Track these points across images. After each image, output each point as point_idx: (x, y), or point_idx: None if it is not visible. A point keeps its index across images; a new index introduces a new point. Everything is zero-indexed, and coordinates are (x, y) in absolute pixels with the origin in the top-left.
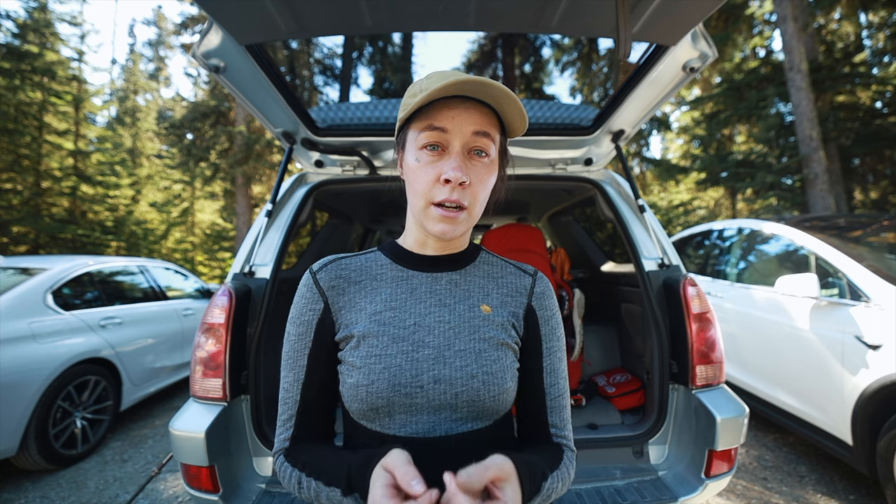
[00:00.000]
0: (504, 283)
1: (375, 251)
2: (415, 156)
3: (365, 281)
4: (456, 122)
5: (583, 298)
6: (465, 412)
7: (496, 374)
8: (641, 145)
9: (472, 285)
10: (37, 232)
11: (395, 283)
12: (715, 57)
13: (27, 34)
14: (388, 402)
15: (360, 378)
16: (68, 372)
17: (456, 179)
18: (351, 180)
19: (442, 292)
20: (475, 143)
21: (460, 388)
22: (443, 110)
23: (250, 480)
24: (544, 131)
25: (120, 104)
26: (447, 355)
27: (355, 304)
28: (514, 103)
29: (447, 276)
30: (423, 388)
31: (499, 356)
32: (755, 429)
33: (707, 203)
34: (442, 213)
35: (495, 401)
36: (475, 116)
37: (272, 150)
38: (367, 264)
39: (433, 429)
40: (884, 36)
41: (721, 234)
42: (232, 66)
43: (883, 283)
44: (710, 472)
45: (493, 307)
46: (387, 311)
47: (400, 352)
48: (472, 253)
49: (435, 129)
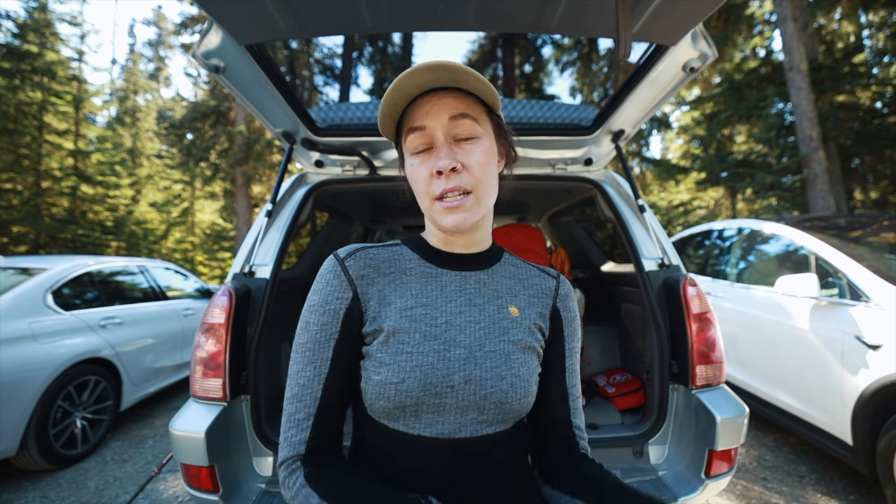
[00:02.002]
0: (530, 284)
1: (400, 245)
2: (409, 161)
3: (394, 273)
4: (431, 116)
5: (583, 298)
6: (491, 414)
7: (523, 378)
8: (641, 145)
9: (500, 286)
10: (37, 232)
11: (425, 279)
12: (715, 57)
13: (27, 34)
14: (418, 402)
15: (388, 375)
16: (68, 372)
17: (445, 168)
18: (351, 180)
19: (471, 292)
20: (456, 128)
21: (490, 390)
22: (416, 110)
23: (250, 480)
24: (544, 131)
25: (120, 104)
26: (478, 356)
27: (385, 296)
28: (470, 75)
29: (475, 275)
30: (455, 388)
31: (526, 359)
32: (755, 429)
33: (707, 203)
34: (446, 205)
35: (521, 403)
36: (448, 103)
37: (272, 150)
38: (394, 257)
39: (458, 430)
40: (884, 36)
41: (721, 234)
42: (232, 66)
43: (883, 283)
44: (710, 472)
45: (521, 308)
46: (418, 308)
47: (432, 350)
48: (497, 253)
49: (415, 130)
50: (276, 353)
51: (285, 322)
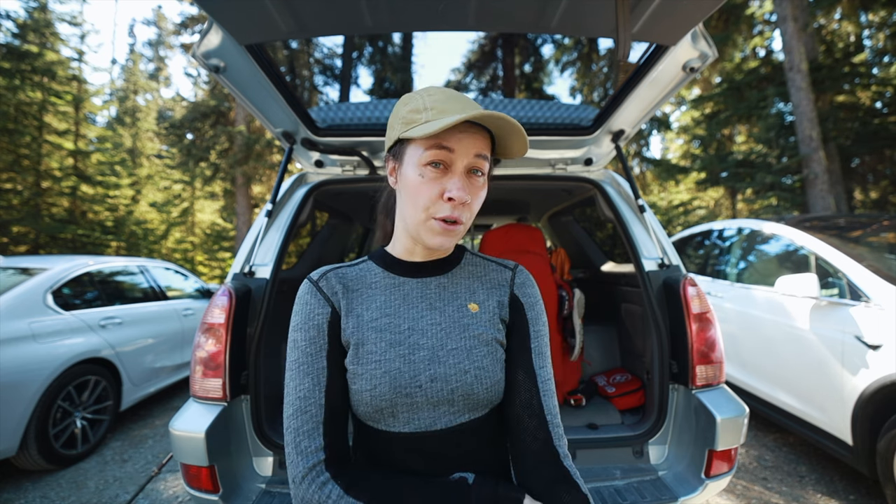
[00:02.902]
0: (488, 279)
1: (367, 261)
2: (418, 171)
3: (361, 289)
4: (462, 145)
5: (583, 298)
6: (461, 405)
7: (487, 368)
8: (641, 145)
9: (459, 287)
10: (37, 232)
11: (389, 290)
12: (715, 57)
13: (27, 34)
14: (391, 404)
15: (362, 384)
16: (68, 372)
17: (460, 199)
18: (351, 180)
19: (432, 296)
20: (475, 164)
21: (455, 384)
22: (452, 131)
23: (250, 480)
24: (544, 131)
25: (120, 104)
26: (441, 355)
27: (354, 311)
28: (519, 136)
29: (436, 280)
30: (422, 386)
31: (489, 350)
32: (755, 429)
33: (707, 203)
34: (443, 227)
35: (489, 392)
36: (478, 141)
37: (272, 150)
38: (361, 274)
39: (434, 423)
40: (884, 36)
41: (721, 234)
42: (232, 66)
43: (883, 283)
44: (710, 472)
45: (480, 302)
46: (382, 318)
47: (398, 355)
48: (457, 256)
49: (443, 149)
50: (276, 353)
51: (285, 322)
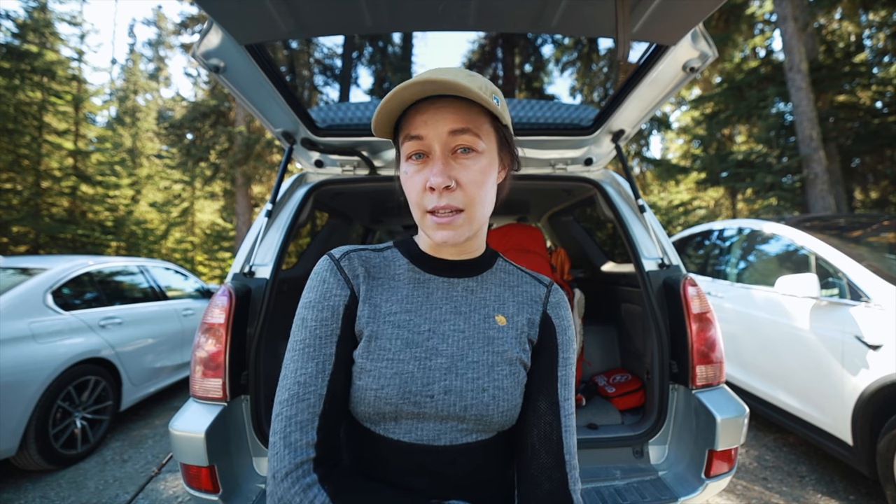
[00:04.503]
0: (520, 291)
1: (392, 248)
2: (404, 168)
3: (383, 278)
4: (429, 127)
5: (583, 298)
6: (471, 424)
7: (507, 390)
8: (641, 145)
9: (488, 294)
10: (37, 232)
11: (412, 284)
12: (715, 57)
13: (27, 34)
14: (396, 409)
15: (369, 381)
16: (68, 372)
17: (438, 186)
18: (351, 180)
19: (458, 299)
20: (456, 142)
21: (470, 402)
22: (415, 117)
23: (250, 480)
24: (544, 131)
25: (120, 104)
26: (460, 366)
27: (373, 300)
28: (468, 90)
29: (464, 282)
30: (434, 397)
31: (511, 371)
32: (755, 429)
33: (707, 203)
34: (436, 221)
35: (503, 416)
36: (447, 115)
37: (272, 150)
38: (385, 261)
39: (437, 437)
40: (884, 36)
41: (721, 234)
42: (232, 66)
43: (883, 283)
44: (710, 472)
45: (509, 315)
46: (402, 314)
47: (413, 357)
48: (490, 260)
49: (413, 139)
50: (275, 353)
51: (285, 322)
